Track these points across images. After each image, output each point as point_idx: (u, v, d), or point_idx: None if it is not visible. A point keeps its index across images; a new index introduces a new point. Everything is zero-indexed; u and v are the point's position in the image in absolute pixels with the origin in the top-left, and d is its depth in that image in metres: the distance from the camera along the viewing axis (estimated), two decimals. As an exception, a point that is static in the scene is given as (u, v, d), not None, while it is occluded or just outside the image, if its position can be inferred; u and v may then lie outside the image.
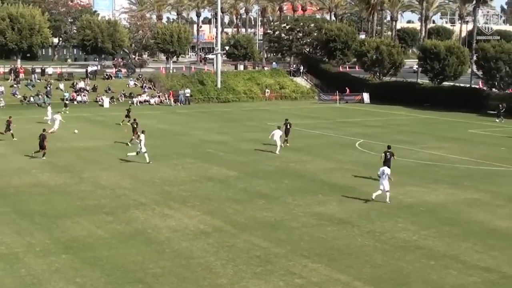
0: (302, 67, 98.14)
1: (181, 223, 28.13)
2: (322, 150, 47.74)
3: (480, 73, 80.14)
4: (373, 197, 31.94)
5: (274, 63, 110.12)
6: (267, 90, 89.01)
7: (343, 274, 22.34)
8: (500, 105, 68.03)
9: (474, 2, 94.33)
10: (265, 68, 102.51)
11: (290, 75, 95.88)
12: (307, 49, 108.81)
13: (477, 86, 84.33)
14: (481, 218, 29.60)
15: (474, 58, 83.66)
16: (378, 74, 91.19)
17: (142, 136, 41.92)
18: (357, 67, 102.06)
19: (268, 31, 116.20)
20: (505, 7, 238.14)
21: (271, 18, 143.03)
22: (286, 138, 48.40)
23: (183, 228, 27.31)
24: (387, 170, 32.29)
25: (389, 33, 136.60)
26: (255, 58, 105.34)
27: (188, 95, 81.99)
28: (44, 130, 44.45)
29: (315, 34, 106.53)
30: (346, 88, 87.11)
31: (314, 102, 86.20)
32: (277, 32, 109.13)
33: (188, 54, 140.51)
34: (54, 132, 51.79)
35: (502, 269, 22.98)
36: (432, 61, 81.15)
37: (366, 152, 46.99)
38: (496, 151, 48.13)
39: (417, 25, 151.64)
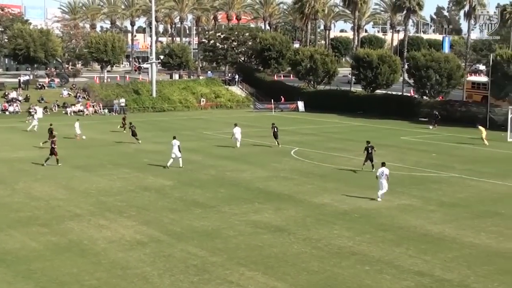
0: (237, 76, 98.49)
1: (117, 233, 27.92)
2: (258, 158, 47.98)
3: (411, 81, 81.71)
4: (379, 198, 34.13)
5: (209, 72, 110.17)
6: (202, 99, 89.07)
7: (280, 281, 22.52)
8: (436, 113, 69.66)
9: (405, 11, 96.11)
10: (200, 77, 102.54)
11: (225, 84, 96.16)
12: (242, 58, 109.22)
13: (409, 94, 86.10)
14: (414, 223, 30.20)
15: (406, 66, 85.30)
16: (312, 82, 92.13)
17: (174, 142, 43.13)
18: (291, 75, 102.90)
19: (203, 40, 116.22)
20: (434, 17, 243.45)
21: (205, 27, 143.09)
22: (277, 140, 53.44)
23: (119, 239, 27.11)
24: (386, 170, 34.07)
25: (323, 42, 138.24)
26: (190, 67, 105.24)
27: (123, 104, 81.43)
28: (54, 136, 45.16)
29: (250, 43, 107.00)
30: (281, 96, 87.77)
31: (250, 110, 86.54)
32: (212, 41, 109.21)
33: (122, 64, 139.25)
34: (80, 135, 56.78)
35: (434, 272, 23.51)
36: (365, 69, 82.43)
37: (301, 160, 47.43)
38: (427, 158, 49.15)
39: (350, 34, 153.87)
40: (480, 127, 57.59)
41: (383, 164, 34.97)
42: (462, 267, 24.08)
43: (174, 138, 43.95)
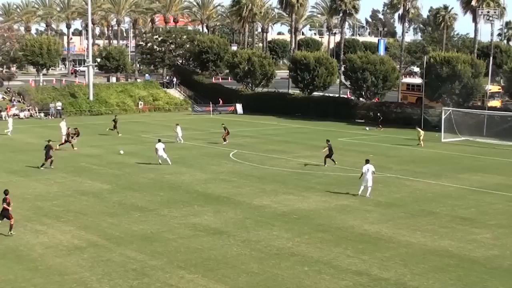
0: (175, 79, 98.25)
1: (54, 239, 27.57)
2: (197, 161, 47.95)
3: (348, 83, 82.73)
4: (359, 193, 35.61)
5: (147, 75, 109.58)
6: (140, 102, 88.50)
7: (220, 283, 22.59)
8: (378, 114, 70.92)
9: (341, 14, 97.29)
10: (138, 80, 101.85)
11: (164, 87, 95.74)
12: (180, 61, 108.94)
13: (346, 96, 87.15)
14: (351, 223, 30.63)
15: (342, 69, 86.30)
16: (250, 85, 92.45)
17: (158, 145, 45.41)
18: (229, 78, 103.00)
19: (140, 42, 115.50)
20: (370, 19, 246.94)
21: (143, 30, 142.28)
22: (226, 139, 56.92)
23: (56, 244, 26.77)
24: (371, 167, 35.65)
25: (261, 44, 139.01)
26: (127, 70, 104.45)
27: (59, 108, 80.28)
28: (49, 141, 45.00)
29: (188, 45, 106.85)
30: (219, 99, 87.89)
31: (188, 113, 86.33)
32: (149, 44, 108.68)
33: (58, 67, 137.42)
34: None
35: (371, 272, 23.90)
36: (302, 72, 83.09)
37: (240, 162, 47.56)
38: (363, 158, 49.59)
39: (287, 36, 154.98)
40: (418, 129, 58.92)
41: (367, 161, 36.35)
42: (399, 266, 24.55)
43: (159, 141, 46.22)
